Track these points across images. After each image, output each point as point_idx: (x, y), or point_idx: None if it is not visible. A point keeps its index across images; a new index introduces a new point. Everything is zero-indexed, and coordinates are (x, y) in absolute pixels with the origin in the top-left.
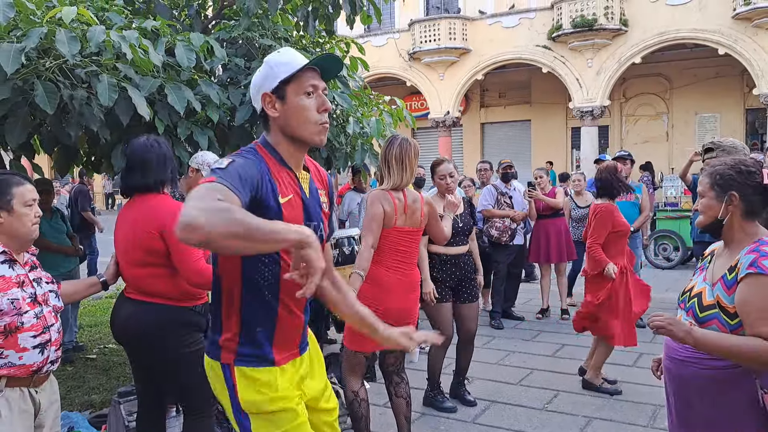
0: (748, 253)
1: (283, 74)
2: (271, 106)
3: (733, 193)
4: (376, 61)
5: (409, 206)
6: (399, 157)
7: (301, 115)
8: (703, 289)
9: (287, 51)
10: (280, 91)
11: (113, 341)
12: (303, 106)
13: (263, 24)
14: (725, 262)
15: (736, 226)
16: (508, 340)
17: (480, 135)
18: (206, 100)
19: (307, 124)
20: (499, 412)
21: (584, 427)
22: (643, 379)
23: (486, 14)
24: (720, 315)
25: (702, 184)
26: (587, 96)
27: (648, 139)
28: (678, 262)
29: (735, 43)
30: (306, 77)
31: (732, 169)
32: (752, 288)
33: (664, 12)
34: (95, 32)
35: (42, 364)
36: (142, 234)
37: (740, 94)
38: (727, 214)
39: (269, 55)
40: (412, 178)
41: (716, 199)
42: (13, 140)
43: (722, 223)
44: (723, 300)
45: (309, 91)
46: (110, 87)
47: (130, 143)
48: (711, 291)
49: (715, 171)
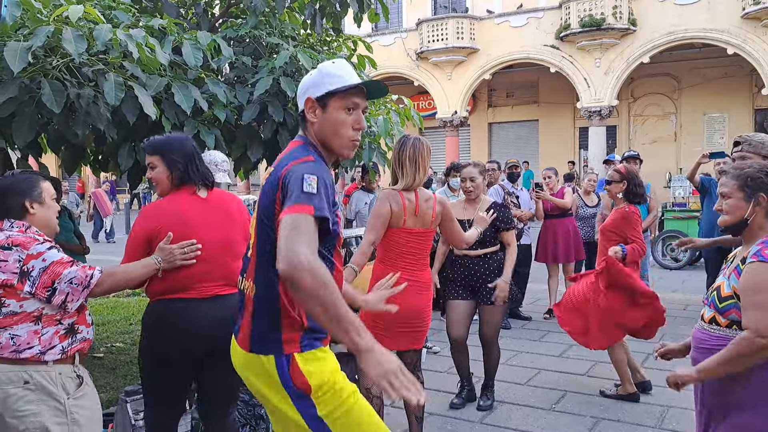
0: (757, 245)
1: (332, 86)
2: (312, 111)
3: (761, 195)
4: (383, 60)
5: (420, 207)
6: (413, 156)
7: (336, 129)
8: (722, 283)
9: (342, 64)
10: (323, 100)
11: (120, 340)
12: (341, 121)
13: (270, 22)
14: (742, 257)
15: (758, 225)
16: (516, 340)
17: (487, 135)
18: (213, 98)
19: (339, 138)
20: (506, 413)
21: (592, 427)
22: (652, 380)
23: (494, 14)
24: (738, 304)
25: (728, 185)
26: (595, 96)
27: (656, 140)
28: (686, 262)
29: (744, 43)
30: (352, 94)
31: (761, 172)
32: (748, 274)
33: (672, 11)
34: (102, 31)
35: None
36: (241, 225)
37: (749, 94)
38: (753, 214)
39: (323, 63)
40: (425, 178)
41: (744, 200)
42: (20, 139)
43: (746, 223)
44: (737, 289)
45: (350, 107)
46: (117, 86)
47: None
48: (728, 283)
49: (745, 173)
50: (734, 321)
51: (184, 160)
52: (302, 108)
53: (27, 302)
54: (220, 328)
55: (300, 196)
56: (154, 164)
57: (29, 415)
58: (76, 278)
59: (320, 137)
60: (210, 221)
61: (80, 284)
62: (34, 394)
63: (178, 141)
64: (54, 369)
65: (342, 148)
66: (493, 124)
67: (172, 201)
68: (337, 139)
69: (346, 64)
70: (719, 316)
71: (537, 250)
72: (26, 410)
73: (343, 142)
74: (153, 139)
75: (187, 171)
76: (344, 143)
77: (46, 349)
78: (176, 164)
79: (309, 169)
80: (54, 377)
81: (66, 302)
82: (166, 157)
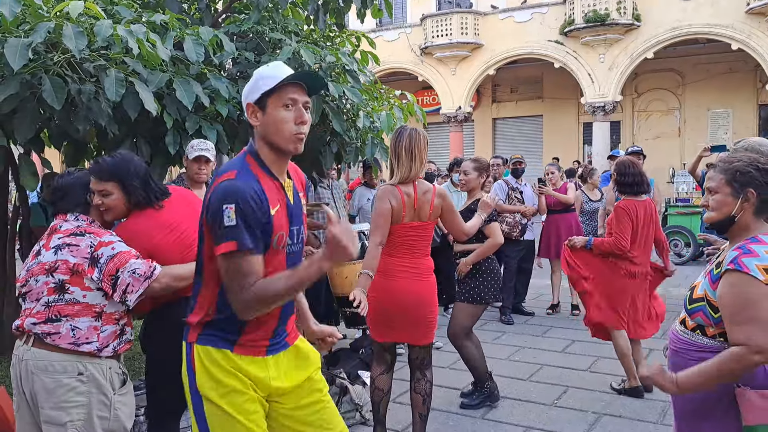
0: (734, 250)
1: (265, 87)
2: (253, 116)
3: (750, 190)
4: (387, 55)
5: (419, 200)
6: (408, 147)
7: (277, 126)
8: (698, 283)
9: (275, 65)
10: (261, 102)
11: None
12: (280, 118)
13: (273, 18)
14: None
15: (744, 223)
16: (519, 335)
17: (491, 130)
18: (215, 94)
19: (282, 134)
20: (508, 408)
21: (594, 423)
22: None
23: (498, 9)
24: (706, 308)
25: (715, 180)
26: (599, 91)
27: (660, 135)
28: (689, 258)
29: (748, 38)
30: (287, 91)
31: (750, 166)
32: (726, 286)
33: (676, 7)
34: (102, 27)
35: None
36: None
37: (753, 89)
38: (740, 211)
39: (259, 68)
40: (422, 170)
41: (732, 195)
42: (22, 135)
43: (734, 220)
44: (709, 294)
45: (288, 104)
46: (117, 82)
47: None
48: (702, 284)
49: (733, 167)
50: (699, 325)
51: (142, 183)
52: (246, 116)
53: (90, 294)
54: None
55: (223, 234)
56: (108, 191)
57: (77, 407)
58: (139, 269)
59: (266, 139)
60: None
61: (143, 275)
62: (86, 386)
63: (132, 163)
64: (106, 363)
65: (288, 143)
66: (497, 119)
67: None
68: (280, 137)
69: (282, 64)
70: (688, 318)
71: (540, 246)
72: (75, 401)
73: (287, 138)
74: (103, 162)
75: (148, 195)
76: (288, 138)
77: (103, 346)
78: (135, 189)
79: (225, 194)
80: (105, 371)
81: (126, 293)
82: (126, 182)
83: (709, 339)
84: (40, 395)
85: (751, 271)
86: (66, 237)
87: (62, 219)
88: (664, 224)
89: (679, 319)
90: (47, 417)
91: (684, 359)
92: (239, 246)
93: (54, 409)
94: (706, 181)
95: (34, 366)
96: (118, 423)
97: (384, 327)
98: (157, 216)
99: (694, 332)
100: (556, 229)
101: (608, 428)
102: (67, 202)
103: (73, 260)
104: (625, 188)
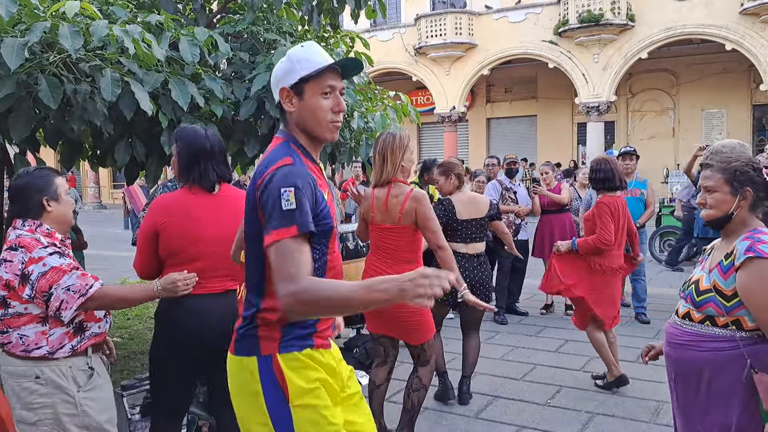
0: (743, 240)
1: (303, 71)
2: (288, 101)
3: (748, 189)
4: (382, 55)
5: (389, 201)
6: (381, 151)
7: (315, 114)
8: (700, 277)
9: (311, 47)
10: (298, 87)
11: (118, 335)
12: (319, 106)
13: (268, 18)
14: (722, 251)
15: (740, 219)
16: (512, 335)
17: (486, 130)
18: (210, 94)
19: (320, 123)
20: (502, 408)
21: (587, 422)
22: (647, 375)
23: (492, 9)
24: (716, 298)
25: (713, 179)
26: (593, 91)
27: (654, 135)
28: (684, 258)
29: (742, 39)
30: (325, 77)
31: (748, 166)
32: (753, 273)
33: (670, 7)
34: (98, 27)
35: (107, 330)
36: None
37: (747, 90)
38: (738, 209)
39: (292, 49)
40: (395, 171)
41: (731, 194)
42: (17, 134)
43: (731, 218)
44: (719, 284)
45: (326, 92)
46: (113, 82)
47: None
48: (708, 277)
49: (732, 167)
50: (709, 316)
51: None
52: (278, 99)
53: (30, 305)
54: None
55: (281, 218)
56: (172, 152)
57: (42, 407)
58: (74, 285)
59: (301, 126)
60: (218, 218)
61: (77, 292)
62: (46, 388)
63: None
64: (64, 363)
65: (325, 132)
66: (492, 119)
67: (182, 195)
68: (318, 125)
69: (315, 45)
70: (694, 311)
71: (534, 246)
72: (39, 402)
73: (324, 127)
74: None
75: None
76: (326, 127)
77: (55, 349)
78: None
79: (284, 179)
80: (65, 371)
81: (60, 309)
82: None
83: (720, 328)
84: (11, 397)
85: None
86: (5, 251)
87: (13, 226)
88: (658, 224)
89: (680, 314)
90: (19, 417)
91: (694, 351)
92: (300, 229)
93: (23, 410)
94: (702, 180)
95: (4, 370)
96: (88, 418)
97: (372, 319)
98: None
99: (703, 324)
100: (550, 229)
101: (601, 427)
102: (19, 207)
103: (6, 276)
104: (598, 184)
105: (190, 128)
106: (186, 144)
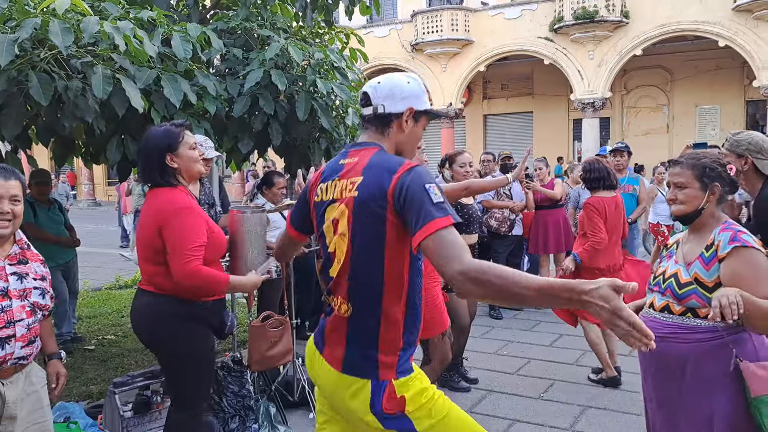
0: (722, 232)
1: (427, 105)
2: (407, 121)
3: (716, 185)
4: (378, 52)
5: None
6: None
7: (412, 144)
8: (677, 270)
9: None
10: (419, 114)
11: (111, 332)
12: (417, 137)
13: (262, 14)
14: (696, 244)
15: (710, 213)
16: (507, 330)
17: (482, 127)
18: (203, 91)
19: (413, 151)
20: (495, 401)
21: (579, 415)
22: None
23: (488, 5)
24: (698, 290)
25: (683, 175)
26: (589, 88)
27: (649, 131)
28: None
29: (735, 35)
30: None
31: (716, 163)
32: (740, 260)
33: (665, 4)
34: (89, 23)
35: (3, 358)
36: (147, 230)
37: (741, 86)
38: (707, 204)
39: (414, 76)
40: None
41: (701, 189)
42: (8, 132)
43: (701, 212)
44: (701, 276)
45: (424, 127)
46: (105, 79)
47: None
48: (686, 270)
49: (702, 164)
50: (690, 308)
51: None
52: (393, 111)
53: None
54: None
55: (437, 210)
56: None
57: None
58: None
59: (400, 147)
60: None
61: None
62: None
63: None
64: None
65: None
66: (488, 115)
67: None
68: (412, 153)
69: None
70: (674, 303)
71: (528, 241)
72: None
73: (411, 156)
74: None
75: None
76: (413, 157)
77: None
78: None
79: (423, 177)
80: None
81: None
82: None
83: (701, 320)
84: None
85: (755, 245)
86: None
87: None
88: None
89: (657, 307)
90: None
91: (676, 344)
92: (453, 218)
93: None
94: (672, 177)
95: None
96: None
97: None
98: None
99: (685, 316)
100: (544, 225)
101: (593, 421)
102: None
103: None
104: (592, 184)
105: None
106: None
